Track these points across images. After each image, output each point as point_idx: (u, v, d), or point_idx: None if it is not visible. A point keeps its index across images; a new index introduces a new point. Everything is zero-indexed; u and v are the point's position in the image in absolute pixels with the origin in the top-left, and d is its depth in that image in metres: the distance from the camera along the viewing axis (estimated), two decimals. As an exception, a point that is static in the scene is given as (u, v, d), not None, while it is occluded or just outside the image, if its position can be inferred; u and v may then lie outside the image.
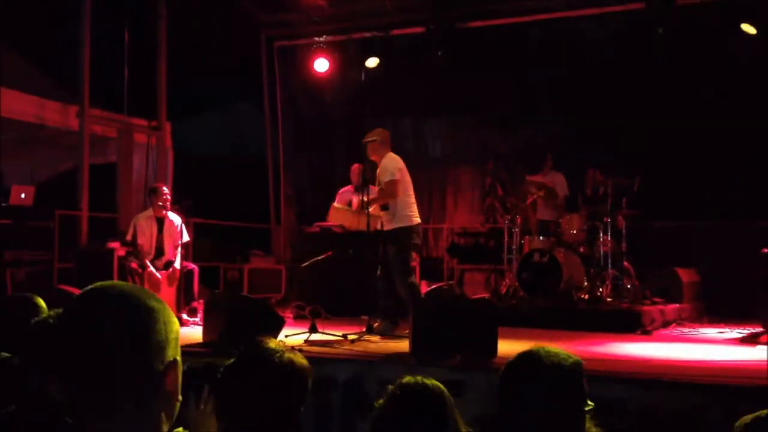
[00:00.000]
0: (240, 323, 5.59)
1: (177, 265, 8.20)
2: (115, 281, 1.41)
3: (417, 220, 7.16)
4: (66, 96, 10.30)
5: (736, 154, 9.68)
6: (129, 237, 8.32)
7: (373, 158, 7.30)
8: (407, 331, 5.60)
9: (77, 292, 4.83)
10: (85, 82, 9.73)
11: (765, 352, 5.82)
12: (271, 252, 12.38)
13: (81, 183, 9.79)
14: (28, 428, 1.80)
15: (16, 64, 10.03)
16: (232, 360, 2.39)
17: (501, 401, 2.20)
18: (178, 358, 1.34)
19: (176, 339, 1.35)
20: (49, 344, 1.30)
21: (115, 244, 8.92)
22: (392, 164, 7.14)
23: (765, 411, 1.83)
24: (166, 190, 8.38)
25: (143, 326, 1.30)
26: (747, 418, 1.80)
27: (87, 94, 9.77)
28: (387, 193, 7.01)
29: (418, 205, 7.27)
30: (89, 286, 1.36)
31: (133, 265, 8.02)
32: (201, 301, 7.82)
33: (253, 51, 12.74)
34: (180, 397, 1.35)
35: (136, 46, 10.50)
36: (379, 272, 7.01)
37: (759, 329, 7.07)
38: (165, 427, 1.33)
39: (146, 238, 8.23)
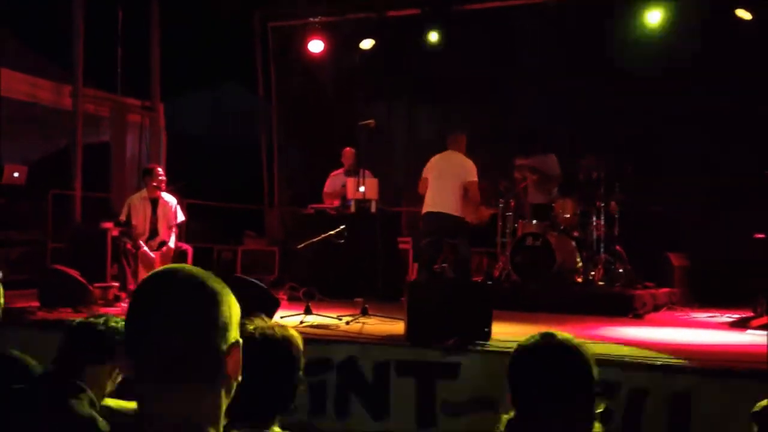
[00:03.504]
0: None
1: (171, 245, 8.21)
2: (182, 265, 1.46)
3: (426, 209, 8.19)
4: (59, 75, 10.25)
5: (727, 140, 9.72)
6: (123, 217, 8.33)
7: None
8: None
9: (72, 272, 4.84)
10: (79, 62, 9.68)
11: (762, 336, 5.92)
12: (265, 233, 12.39)
13: (74, 163, 9.75)
14: None
15: (9, 43, 9.98)
16: None
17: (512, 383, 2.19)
18: (240, 339, 1.39)
19: (237, 321, 1.39)
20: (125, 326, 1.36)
21: (109, 225, 8.92)
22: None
23: None
24: (160, 171, 8.37)
25: (211, 308, 1.34)
26: (764, 402, 1.81)
27: (81, 74, 9.72)
28: None
29: (413, 189, 7.53)
30: (155, 270, 1.41)
31: (128, 245, 8.03)
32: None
33: (246, 31, 12.68)
34: (239, 378, 1.39)
35: (130, 25, 10.44)
36: None
37: (749, 314, 7.14)
38: (223, 406, 1.38)
39: (140, 219, 8.24)
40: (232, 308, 1.37)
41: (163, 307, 1.32)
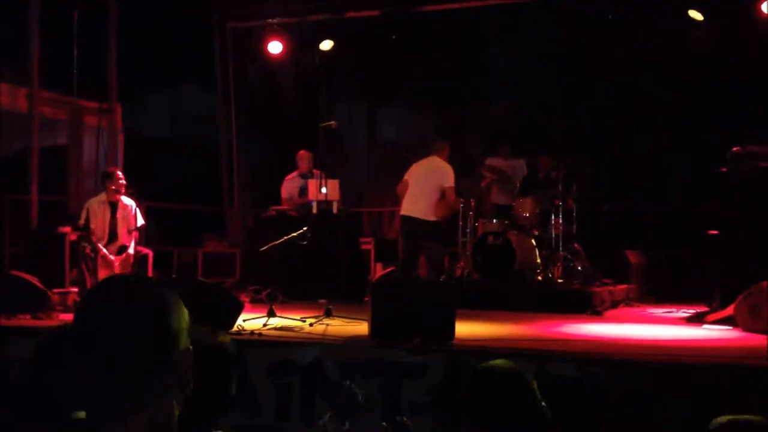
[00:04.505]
0: (199, 309, 5.57)
1: (131, 249, 8.13)
2: (130, 273, 1.46)
3: (402, 212, 8.61)
4: (15, 77, 10.09)
5: (683, 139, 9.93)
6: (82, 221, 8.21)
7: None
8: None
9: (30, 278, 4.79)
10: (35, 64, 9.53)
11: (717, 331, 6.08)
12: (225, 235, 12.32)
13: (31, 167, 9.60)
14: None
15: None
16: None
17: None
18: (190, 346, 1.39)
19: (187, 327, 1.39)
20: (70, 338, 1.34)
21: (66, 229, 8.80)
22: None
23: (743, 416, 1.90)
24: (121, 174, 8.28)
25: (160, 315, 1.34)
26: (723, 419, 1.87)
27: (37, 77, 9.58)
28: None
29: (374, 189, 7.59)
30: (105, 278, 1.40)
31: (87, 250, 7.93)
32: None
33: (205, 31, 12.58)
34: (191, 384, 1.39)
35: (86, 26, 10.30)
36: None
37: (704, 309, 7.30)
38: (176, 413, 1.37)
39: (99, 223, 8.13)
40: (182, 315, 1.38)
41: (111, 316, 1.32)
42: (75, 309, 1.39)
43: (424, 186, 8.49)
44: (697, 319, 7.04)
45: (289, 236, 7.43)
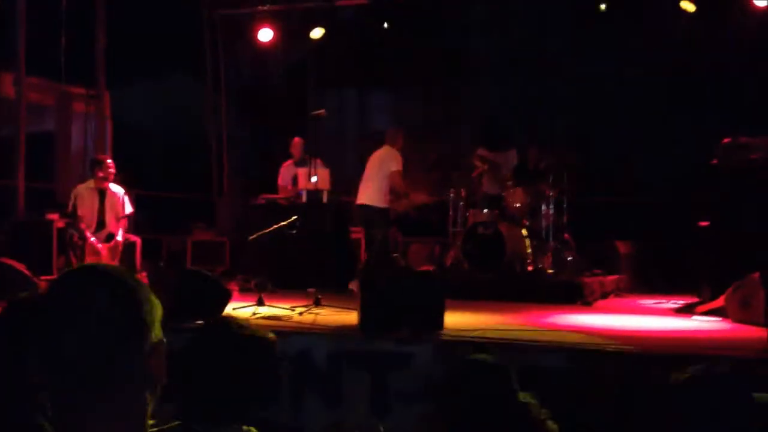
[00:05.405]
0: (186, 297, 5.54)
1: (119, 237, 8.08)
2: (99, 263, 1.41)
3: (357, 202, 8.75)
4: (1, 63, 9.99)
5: (674, 131, 9.92)
6: (69, 208, 8.17)
7: None
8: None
9: (18, 265, 4.70)
10: (22, 50, 9.44)
11: (706, 322, 6.08)
12: (214, 224, 12.26)
13: (18, 153, 9.52)
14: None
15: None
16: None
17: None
18: (163, 339, 1.34)
19: (159, 319, 1.35)
20: (32, 327, 1.29)
21: (54, 216, 8.74)
22: None
23: (701, 366, 1.88)
24: (110, 162, 8.23)
25: (131, 307, 1.30)
26: (687, 371, 1.85)
27: (24, 62, 9.49)
28: None
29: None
30: (72, 268, 1.36)
31: (75, 237, 7.88)
32: (144, 273, 7.73)
33: (194, 19, 12.49)
34: (165, 379, 1.35)
35: (74, 11, 10.20)
36: None
37: (694, 300, 7.31)
38: (150, 409, 1.33)
39: (87, 210, 8.09)
40: (153, 306, 1.33)
41: (79, 308, 1.27)
42: (42, 295, 1.33)
43: (372, 174, 8.70)
44: (687, 310, 7.03)
45: (279, 225, 7.38)
